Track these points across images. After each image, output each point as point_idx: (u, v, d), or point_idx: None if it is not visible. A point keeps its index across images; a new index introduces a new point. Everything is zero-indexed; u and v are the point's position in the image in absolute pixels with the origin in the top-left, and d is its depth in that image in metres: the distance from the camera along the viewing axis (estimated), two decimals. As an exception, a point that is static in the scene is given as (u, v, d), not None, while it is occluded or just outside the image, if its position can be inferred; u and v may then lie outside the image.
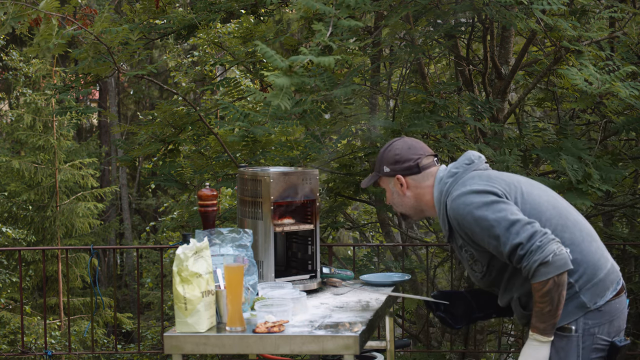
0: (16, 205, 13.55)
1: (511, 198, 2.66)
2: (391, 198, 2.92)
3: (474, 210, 2.62)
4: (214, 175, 6.18)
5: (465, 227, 2.66)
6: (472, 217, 2.62)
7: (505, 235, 2.55)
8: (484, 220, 2.59)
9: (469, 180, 2.71)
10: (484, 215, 2.60)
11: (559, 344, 2.62)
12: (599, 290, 2.64)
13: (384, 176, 2.90)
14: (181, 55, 13.84)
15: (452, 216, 2.70)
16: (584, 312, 2.62)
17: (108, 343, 12.81)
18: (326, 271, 3.52)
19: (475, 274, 2.81)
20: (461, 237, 2.74)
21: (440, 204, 2.78)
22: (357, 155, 6.26)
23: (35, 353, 6.80)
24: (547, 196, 2.75)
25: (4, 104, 17.73)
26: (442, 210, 2.76)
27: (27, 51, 5.77)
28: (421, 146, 2.89)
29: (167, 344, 2.74)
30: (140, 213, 21.04)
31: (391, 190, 2.89)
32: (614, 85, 4.12)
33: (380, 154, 2.92)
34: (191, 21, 5.77)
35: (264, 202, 3.28)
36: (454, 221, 2.70)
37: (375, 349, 3.59)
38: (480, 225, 2.60)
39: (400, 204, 2.90)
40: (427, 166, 2.85)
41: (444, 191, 2.76)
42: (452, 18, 5.79)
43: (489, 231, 2.58)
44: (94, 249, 5.39)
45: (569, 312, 2.62)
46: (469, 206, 2.63)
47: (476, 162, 2.80)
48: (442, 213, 2.77)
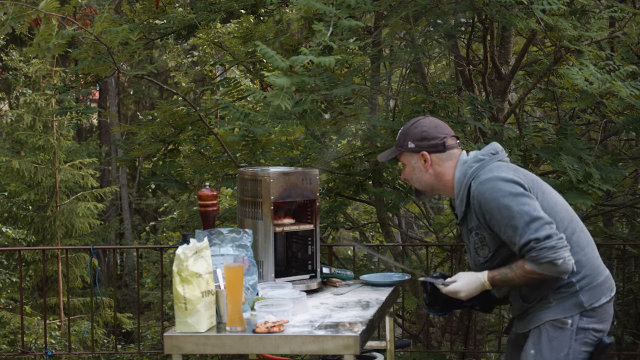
0: (16, 205, 13.55)
1: (534, 193, 2.77)
2: (410, 173, 2.93)
3: (500, 197, 2.71)
4: (214, 175, 6.18)
5: (487, 210, 2.74)
6: (497, 203, 2.71)
7: (524, 229, 2.66)
8: (507, 210, 2.69)
9: (496, 168, 2.80)
10: (509, 205, 2.69)
11: (553, 333, 2.77)
12: (596, 293, 2.79)
13: (407, 152, 2.92)
14: (181, 55, 13.84)
15: (477, 198, 2.77)
16: (580, 311, 2.77)
17: (108, 343, 12.81)
18: (326, 271, 3.52)
19: (478, 258, 2.88)
20: (477, 219, 2.81)
21: (461, 185, 2.84)
22: (357, 155, 6.26)
23: (35, 353, 6.79)
24: (560, 199, 2.88)
25: (4, 104, 17.72)
26: (464, 191, 2.83)
27: (27, 51, 5.77)
28: (446, 126, 2.97)
29: (167, 344, 2.74)
30: (140, 213, 21.04)
31: (412, 166, 2.92)
32: (614, 85, 4.12)
33: (404, 129, 2.93)
34: (191, 21, 5.77)
35: (264, 202, 3.28)
36: (477, 203, 2.77)
37: (375, 349, 3.59)
38: (502, 213, 2.70)
39: (419, 180, 2.93)
40: (452, 147, 2.93)
41: (469, 174, 2.83)
42: (452, 18, 5.79)
43: (510, 221, 2.68)
44: (94, 249, 5.39)
45: (567, 308, 2.76)
46: (496, 192, 2.72)
47: (500, 154, 2.90)
48: (463, 194, 2.84)
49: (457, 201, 2.87)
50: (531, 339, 2.83)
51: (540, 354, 2.78)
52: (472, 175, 2.82)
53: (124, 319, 13.56)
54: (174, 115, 6.09)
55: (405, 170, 2.95)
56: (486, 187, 2.75)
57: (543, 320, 2.79)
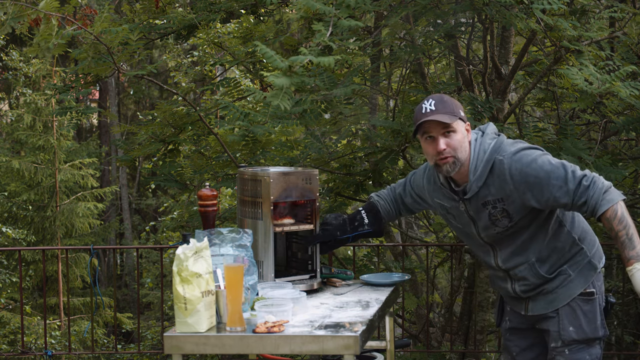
0: (16, 205, 13.55)
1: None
2: (461, 141, 2.91)
3: (537, 159, 2.85)
4: (214, 175, 6.17)
5: (528, 174, 2.82)
6: (536, 164, 2.82)
7: (570, 173, 2.81)
8: (547, 165, 2.82)
9: (514, 143, 2.93)
10: (547, 161, 2.84)
11: (585, 307, 2.92)
12: (599, 254, 3.02)
13: (460, 120, 2.92)
14: (181, 55, 13.84)
15: (512, 169, 2.84)
16: (596, 274, 2.96)
17: (108, 343, 12.81)
18: (326, 271, 3.52)
19: (494, 229, 2.94)
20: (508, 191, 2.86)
21: (481, 160, 2.90)
22: (357, 155, 6.26)
23: (35, 353, 6.79)
24: None
25: (4, 104, 17.73)
26: (485, 166, 2.89)
27: (27, 51, 5.76)
28: None
29: (167, 344, 2.74)
30: (140, 213, 21.04)
31: (463, 134, 2.92)
32: (614, 85, 4.12)
33: (445, 100, 2.92)
34: (191, 21, 5.77)
35: (264, 202, 3.28)
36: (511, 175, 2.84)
37: (375, 349, 3.59)
38: (545, 169, 2.81)
39: (465, 150, 2.92)
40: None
41: (490, 150, 2.90)
42: (452, 18, 5.79)
43: (554, 173, 2.80)
44: (94, 249, 5.39)
45: (586, 275, 2.94)
46: (530, 156, 2.86)
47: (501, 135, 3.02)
48: (484, 168, 2.89)
49: (471, 176, 2.91)
50: (565, 317, 2.91)
51: (581, 330, 2.91)
52: (495, 151, 2.89)
53: (124, 319, 13.57)
54: (174, 115, 6.09)
55: (456, 138, 2.90)
56: (520, 156, 2.85)
57: (572, 296, 2.90)
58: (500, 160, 2.87)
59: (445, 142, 2.88)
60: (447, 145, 2.88)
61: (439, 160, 2.90)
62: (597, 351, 2.98)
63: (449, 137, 2.88)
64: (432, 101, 2.89)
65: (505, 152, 2.88)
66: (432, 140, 2.90)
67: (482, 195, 2.92)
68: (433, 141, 2.90)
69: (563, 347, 2.91)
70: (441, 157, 2.89)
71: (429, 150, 2.92)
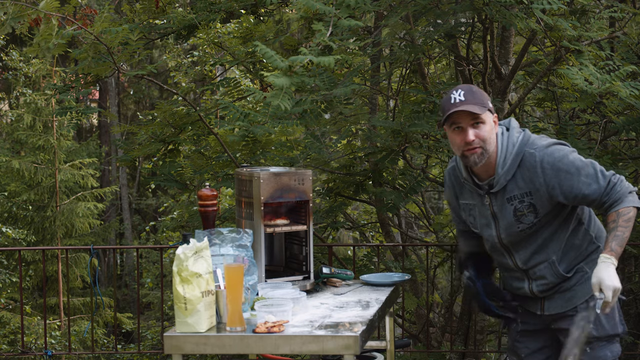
0: (16, 205, 13.54)
1: None
2: (490, 132, 2.89)
3: (568, 154, 2.86)
4: (214, 175, 6.17)
5: (560, 169, 2.83)
6: (568, 160, 2.84)
7: (599, 172, 2.84)
8: (578, 162, 2.85)
9: (542, 138, 2.93)
10: (578, 158, 2.87)
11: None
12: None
13: (489, 111, 2.90)
14: (181, 55, 13.83)
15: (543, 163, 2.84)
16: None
17: (108, 343, 12.80)
18: (326, 271, 3.51)
19: (518, 226, 2.91)
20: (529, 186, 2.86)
21: (509, 153, 2.89)
22: (357, 155, 6.26)
23: (35, 353, 6.79)
24: None
25: (4, 104, 17.73)
26: (513, 159, 2.88)
27: (27, 51, 5.76)
28: None
29: (167, 344, 2.74)
30: (140, 213, 21.04)
31: (491, 125, 2.90)
32: (614, 85, 4.12)
33: (474, 90, 2.90)
34: (191, 21, 5.77)
35: (255, 203, 3.28)
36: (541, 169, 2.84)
37: (375, 349, 3.59)
38: (577, 165, 2.83)
39: (492, 141, 2.90)
40: None
41: (519, 143, 2.89)
42: (452, 18, 5.79)
43: (585, 170, 2.83)
44: (94, 249, 5.39)
45: None
46: (562, 151, 2.86)
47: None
48: (513, 162, 2.88)
49: (499, 170, 2.89)
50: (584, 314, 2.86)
51: (601, 326, 2.90)
52: (524, 144, 2.88)
53: (124, 319, 13.57)
54: (174, 115, 6.09)
55: (485, 129, 2.88)
56: (552, 150, 2.86)
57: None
58: (531, 153, 2.86)
59: (474, 133, 2.85)
60: (476, 136, 2.85)
61: (467, 151, 2.87)
62: (618, 348, 2.98)
63: (478, 128, 2.86)
64: (462, 91, 2.86)
65: (536, 145, 2.87)
66: (461, 130, 2.87)
67: (508, 190, 2.90)
68: (461, 132, 2.87)
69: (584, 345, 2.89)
70: (469, 147, 2.86)
71: (457, 141, 2.89)
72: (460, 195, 3.09)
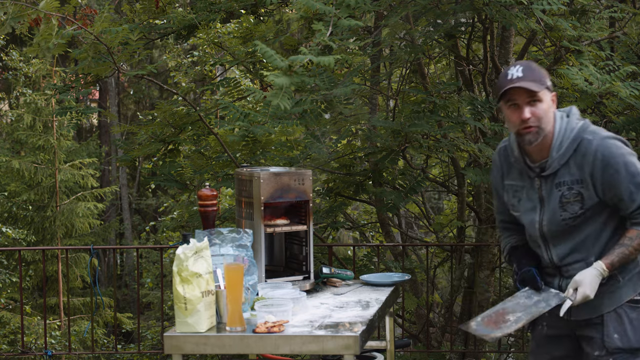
0: (16, 205, 13.54)
1: None
2: (547, 111, 2.82)
3: (626, 155, 2.78)
4: (214, 175, 6.17)
5: (611, 165, 2.76)
6: (623, 160, 2.77)
7: None
8: (632, 166, 2.77)
9: (602, 129, 2.85)
10: (633, 162, 2.78)
11: (632, 314, 2.82)
12: None
13: (547, 89, 2.83)
14: (181, 55, 13.83)
15: (599, 152, 2.77)
16: None
17: (108, 343, 12.80)
18: (326, 271, 3.51)
19: (563, 214, 2.83)
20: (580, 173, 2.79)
21: (567, 137, 2.82)
22: (357, 155, 6.26)
23: (35, 353, 6.79)
24: None
25: (4, 104, 17.73)
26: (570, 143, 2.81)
27: (27, 51, 5.76)
28: None
29: (167, 344, 2.74)
30: (140, 213, 21.03)
31: (548, 104, 2.83)
32: (614, 85, 4.13)
33: (533, 67, 2.83)
34: (191, 21, 5.77)
35: (255, 203, 3.28)
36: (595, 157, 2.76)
37: (375, 349, 3.59)
38: (628, 170, 2.76)
39: (549, 121, 2.83)
40: None
41: (578, 129, 2.82)
42: (452, 18, 5.79)
43: (634, 178, 2.75)
44: (94, 249, 5.39)
45: (635, 283, 2.84)
46: (621, 149, 2.78)
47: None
48: (569, 146, 2.81)
49: (554, 153, 2.82)
50: (610, 323, 2.82)
51: (626, 338, 2.81)
52: (584, 130, 2.81)
53: (124, 319, 13.56)
54: (174, 115, 6.10)
55: (542, 107, 2.80)
56: (611, 143, 2.78)
57: (619, 303, 2.81)
58: (589, 140, 2.79)
59: (530, 111, 2.78)
60: (532, 114, 2.78)
61: (522, 130, 2.80)
62: None
63: (535, 106, 2.79)
64: (520, 67, 2.80)
65: (595, 133, 2.80)
66: (517, 108, 2.80)
67: (560, 174, 2.82)
68: (517, 109, 2.80)
69: (607, 355, 2.81)
70: (525, 126, 2.79)
71: (513, 119, 2.82)
72: (507, 175, 2.99)
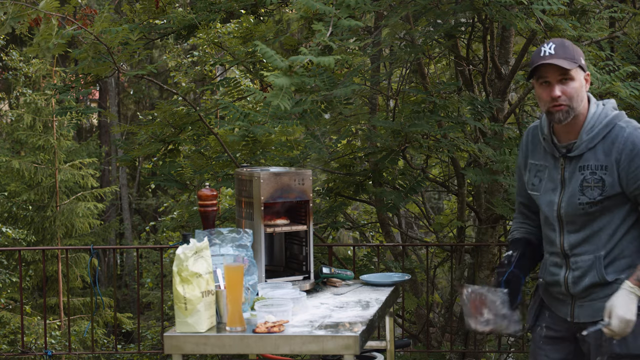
0: (16, 205, 13.54)
1: None
2: (579, 90, 2.78)
3: None
4: (214, 175, 6.18)
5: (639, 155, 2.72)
6: None
7: None
8: None
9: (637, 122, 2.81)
10: None
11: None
12: None
13: (580, 68, 2.79)
14: (181, 55, 13.84)
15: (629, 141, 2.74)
16: None
17: (108, 343, 12.81)
18: (326, 271, 3.51)
19: (582, 198, 2.78)
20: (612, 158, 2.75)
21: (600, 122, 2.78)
22: (357, 155, 6.26)
23: (35, 353, 6.79)
24: None
25: (4, 104, 17.73)
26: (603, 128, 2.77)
27: (27, 51, 5.76)
28: None
29: (167, 344, 2.74)
30: (140, 213, 21.04)
31: (581, 83, 2.80)
32: (614, 85, 4.13)
33: (567, 45, 2.79)
34: (191, 21, 5.77)
35: (255, 203, 3.28)
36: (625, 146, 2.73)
37: (375, 349, 3.59)
38: None
39: (581, 99, 2.79)
40: None
41: (613, 115, 2.78)
42: (452, 18, 5.79)
43: None
44: (94, 249, 5.39)
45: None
46: None
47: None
48: (601, 130, 2.78)
49: (584, 135, 2.79)
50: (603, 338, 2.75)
51: (624, 344, 2.75)
52: (618, 118, 2.78)
53: (124, 319, 13.57)
54: (174, 115, 6.10)
55: (573, 86, 2.77)
56: None
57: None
58: (621, 127, 2.75)
59: (561, 89, 2.75)
60: (563, 92, 2.75)
61: (552, 107, 2.77)
62: None
63: (566, 84, 2.75)
64: (553, 45, 2.76)
65: (629, 122, 2.77)
66: (548, 85, 2.77)
67: (585, 158, 2.79)
68: (548, 86, 2.76)
69: None
70: (555, 104, 2.75)
71: (543, 96, 2.78)
72: (532, 154, 2.95)
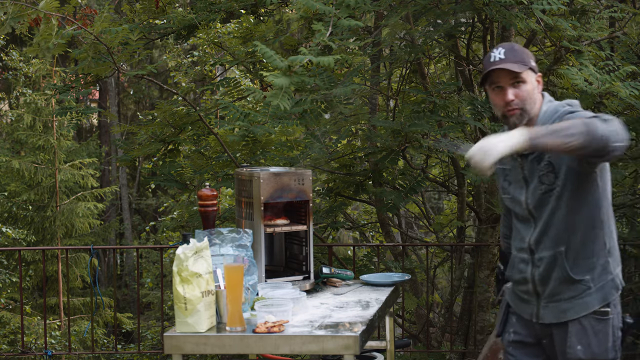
0: (16, 205, 13.54)
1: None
2: (531, 92, 2.79)
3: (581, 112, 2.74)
4: (214, 175, 6.18)
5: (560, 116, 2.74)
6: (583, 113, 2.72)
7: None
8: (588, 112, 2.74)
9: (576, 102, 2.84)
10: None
11: (597, 326, 2.76)
12: (621, 273, 2.86)
13: (531, 70, 2.80)
14: (181, 55, 13.83)
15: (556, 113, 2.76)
16: (617, 294, 2.80)
17: (108, 343, 12.80)
18: (326, 271, 3.51)
19: (541, 187, 2.78)
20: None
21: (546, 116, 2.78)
22: (357, 155, 6.26)
23: (35, 353, 6.79)
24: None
25: (4, 104, 17.73)
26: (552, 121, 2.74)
27: (27, 51, 5.76)
28: None
29: (167, 344, 2.74)
30: (140, 213, 21.04)
31: (533, 85, 2.80)
32: (614, 85, 4.13)
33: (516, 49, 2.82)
34: (191, 21, 5.77)
35: (255, 202, 3.28)
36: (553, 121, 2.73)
37: (375, 349, 3.59)
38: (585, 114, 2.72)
39: (534, 102, 2.80)
40: None
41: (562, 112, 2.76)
42: (452, 18, 5.79)
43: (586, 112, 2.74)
44: (94, 249, 5.40)
45: (607, 293, 2.78)
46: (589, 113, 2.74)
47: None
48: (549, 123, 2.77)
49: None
50: (573, 333, 2.76)
51: (589, 349, 2.75)
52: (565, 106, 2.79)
53: (124, 319, 13.56)
54: (174, 115, 6.10)
55: (525, 89, 2.78)
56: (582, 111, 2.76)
57: (586, 311, 2.74)
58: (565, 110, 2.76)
59: (514, 93, 2.76)
60: (516, 95, 2.76)
61: (507, 112, 2.78)
62: None
63: (518, 88, 2.76)
64: (502, 49, 2.79)
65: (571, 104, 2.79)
66: (501, 90, 2.78)
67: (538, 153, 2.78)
68: (501, 91, 2.78)
69: None
70: (509, 108, 2.77)
71: (497, 101, 2.80)
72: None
